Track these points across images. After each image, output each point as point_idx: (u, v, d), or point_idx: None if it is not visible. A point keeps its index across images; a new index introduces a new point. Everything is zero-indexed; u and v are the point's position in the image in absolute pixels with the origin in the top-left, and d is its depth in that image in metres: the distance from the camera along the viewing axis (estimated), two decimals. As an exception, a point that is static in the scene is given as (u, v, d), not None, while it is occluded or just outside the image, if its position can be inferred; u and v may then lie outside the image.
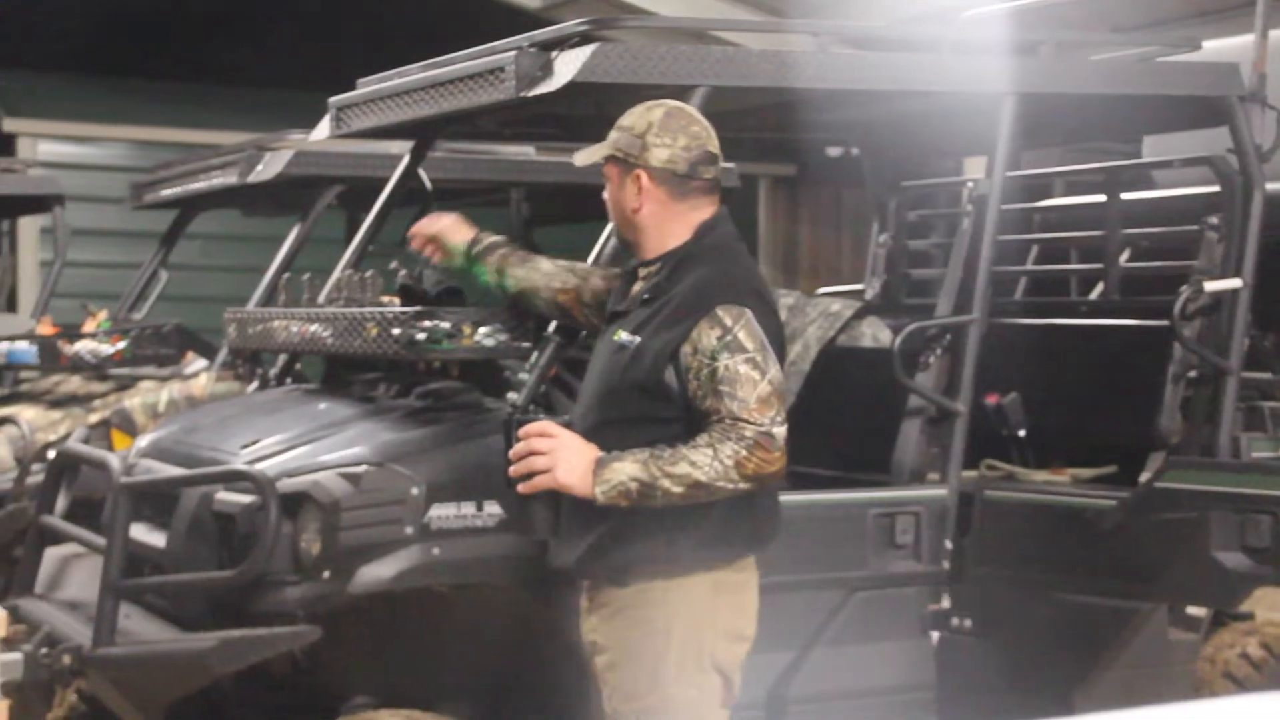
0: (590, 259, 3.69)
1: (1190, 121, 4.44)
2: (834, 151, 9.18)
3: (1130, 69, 4.28)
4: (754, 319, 3.00)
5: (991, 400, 4.21)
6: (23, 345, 6.32)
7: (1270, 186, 4.16)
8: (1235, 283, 4.08)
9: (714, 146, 3.21)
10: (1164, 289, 4.16)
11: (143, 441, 4.36)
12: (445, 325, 3.70)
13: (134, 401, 6.00)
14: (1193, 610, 4.22)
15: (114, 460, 3.86)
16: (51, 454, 4.82)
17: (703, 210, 3.21)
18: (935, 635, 3.82)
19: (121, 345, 6.26)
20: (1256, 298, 4.14)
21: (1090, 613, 3.99)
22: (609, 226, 3.76)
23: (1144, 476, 3.94)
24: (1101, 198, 4.79)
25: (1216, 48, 4.84)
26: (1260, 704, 1.40)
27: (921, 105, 4.34)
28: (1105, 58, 4.49)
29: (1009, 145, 3.99)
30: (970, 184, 4.50)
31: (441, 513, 3.51)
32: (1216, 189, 4.27)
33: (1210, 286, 4.03)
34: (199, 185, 6.42)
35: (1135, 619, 4.09)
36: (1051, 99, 4.14)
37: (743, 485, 2.93)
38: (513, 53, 3.65)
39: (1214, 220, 4.22)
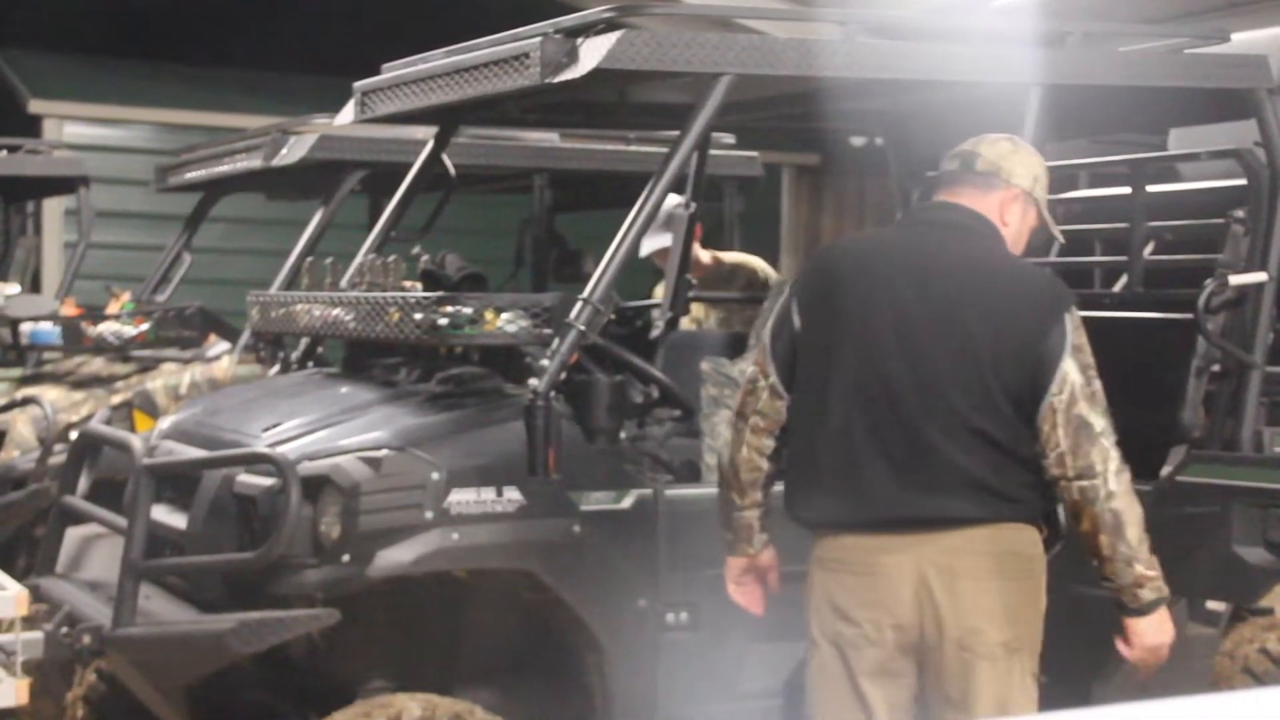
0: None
1: (1217, 114, 4.41)
2: (858, 141, 9.17)
3: (1158, 61, 4.26)
4: None
5: None
6: (46, 326, 6.36)
7: (1297, 180, 4.14)
8: (1260, 276, 4.06)
9: None
10: (1188, 282, 4.14)
11: (164, 423, 4.38)
12: (467, 311, 3.70)
13: (156, 383, 6.03)
14: (1212, 605, 4.21)
15: (136, 442, 3.88)
16: (74, 435, 4.85)
17: None
18: None
19: (144, 327, 6.29)
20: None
21: (1109, 605, 3.98)
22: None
23: (1166, 470, 3.92)
24: (1127, 190, 4.77)
25: (1245, 40, 4.81)
26: (1277, 698, 1.40)
27: (947, 95, 4.33)
28: (1133, 49, 4.47)
29: (1034, 136, 3.97)
30: (995, 175, 4.46)
31: (461, 498, 3.52)
32: (1243, 182, 4.24)
33: (1235, 280, 4.01)
34: (223, 168, 6.43)
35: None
36: (1078, 90, 4.12)
37: None
38: (538, 39, 3.64)
39: (1240, 214, 4.19)
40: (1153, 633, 3.22)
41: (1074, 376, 3.17)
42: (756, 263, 5.77)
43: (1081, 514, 3.16)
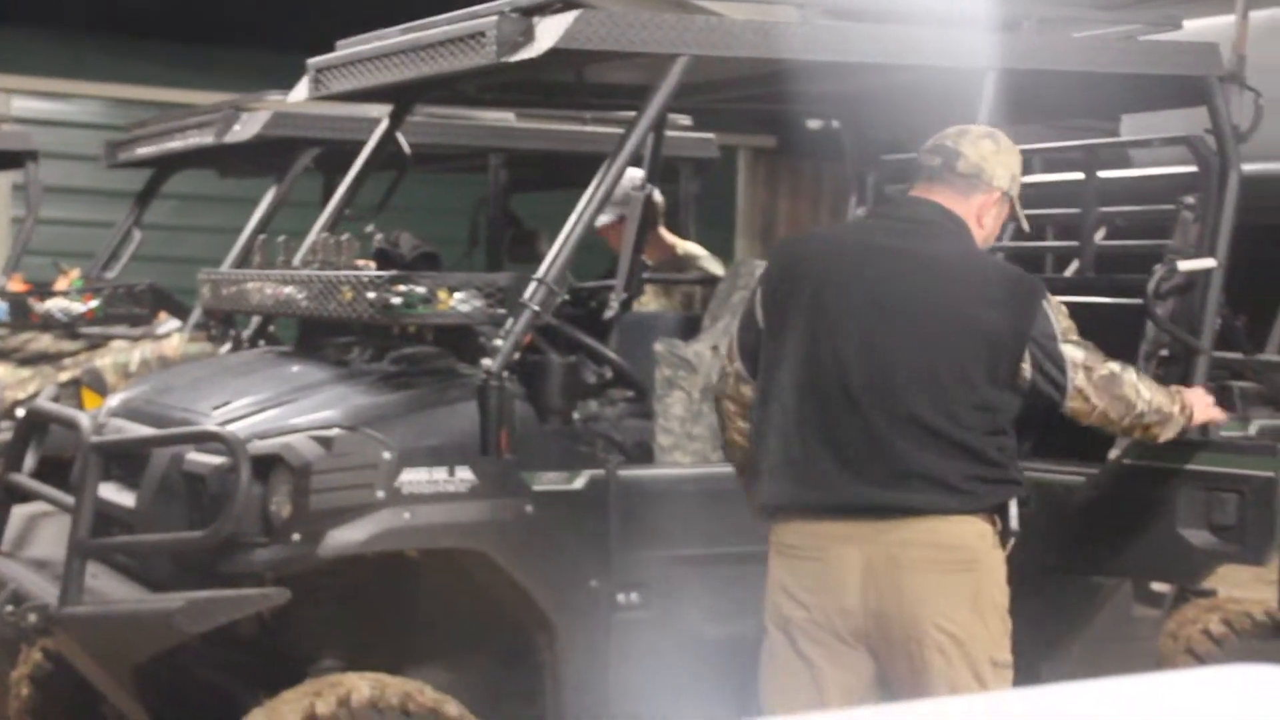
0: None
1: (1169, 101, 4.45)
2: (814, 124, 9.17)
3: (1111, 47, 4.28)
4: None
5: None
6: (-7, 302, 6.28)
7: (1246, 168, 4.17)
8: (1209, 263, 4.09)
9: None
10: (1138, 268, 4.17)
11: (113, 401, 4.34)
12: (420, 290, 3.69)
13: (105, 361, 5.98)
14: (1157, 586, 4.26)
15: (84, 419, 3.85)
16: (21, 412, 4.80)
17: None
18: None
19: (93, 304, 6.23)
20: (1229, 278, 4.16)
21: (1056, 586, 4.02)
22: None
23: (1113, 453, 3.95)
24: (1079, 175, 4.80)
25: (1197, 27, 4.84)
26: (1219, 677, 1.42)
27: (903, 79, 4.34)
28: (1087, 35, 4.49)
29: (989, 121, 3.98)
30: (949, 159, 4.48)
31: (413, 477, 3.51)
32: (1193, 169, 4.27)
33: (1184, 266, 4.04)
34: (175, 145, 6.38)
35: (1100, 593, 4.12)
36: (1032, 75, 4.14)
37: None
38: (494, 17, 3.63)
39: (1190, 200, 4.23)
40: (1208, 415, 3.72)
41: (1077, 354, 3.35)
42: (705, 258, 5.77)
43: (1137, 433, 3.53)
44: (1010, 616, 3.35)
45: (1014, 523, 3.31)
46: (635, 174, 4.83)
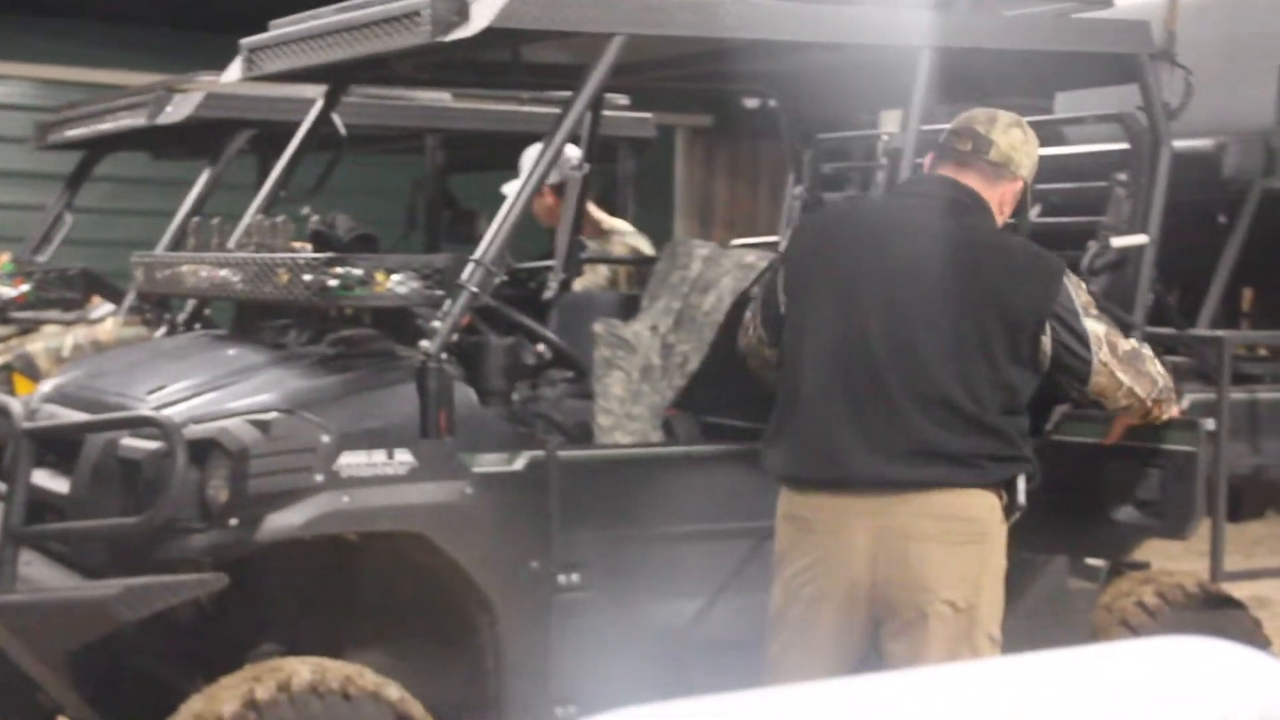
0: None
1: (1102, 78, 4.49)
2: (751, 102, 9.19)
3: (1044, 25, 4.31)
4: None
5: None
6: (-78, 287, 6.19)
7: (1177, 144, 4.22)
8: (1141, 239, 4.14)
9: None
10: (1073, 244, 4.21)
11: (46, 386, 4.29)
12: (357, 272, 3.66)
13: (37, 346, 5.90)
14: (1091, 560, 4.31)
15: (15, 405, 3.79)
16: (-48, 398, 4.73)
17: None
18: None
19: (25, 288, 6.15)
20: (1161, 254, 4.21)
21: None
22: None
23: (1047, 428, 3.99)
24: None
25: (1128, 5, 4.89)
26: (1151, 649, 1.44)
27: (838, 57, 4.35)
28: (1020, 13, 4.52)
29: (924, 99, 4.01)
30: (885, 137, 4.52)
31: (352, 460, 3.49)
32: (1126, 146, 4.32)
33: (1117, 242, 4.08)
34: (106, 126, 6.30)
35: (1033, 569, 4.16)
36: (966, 53, 4.16)
37: None
38: (428, -4, 3.60)
39: (1122, 177, 4.27)
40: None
41: (1099, 328, 3.41)
42: (631, 234, 5.77)
43: (1155, 411, 3.57)
44: None
45: (1021, 498, 3.40)
46: (572, 152, 4.85)
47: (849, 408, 3.32)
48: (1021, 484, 3.39)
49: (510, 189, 6.02)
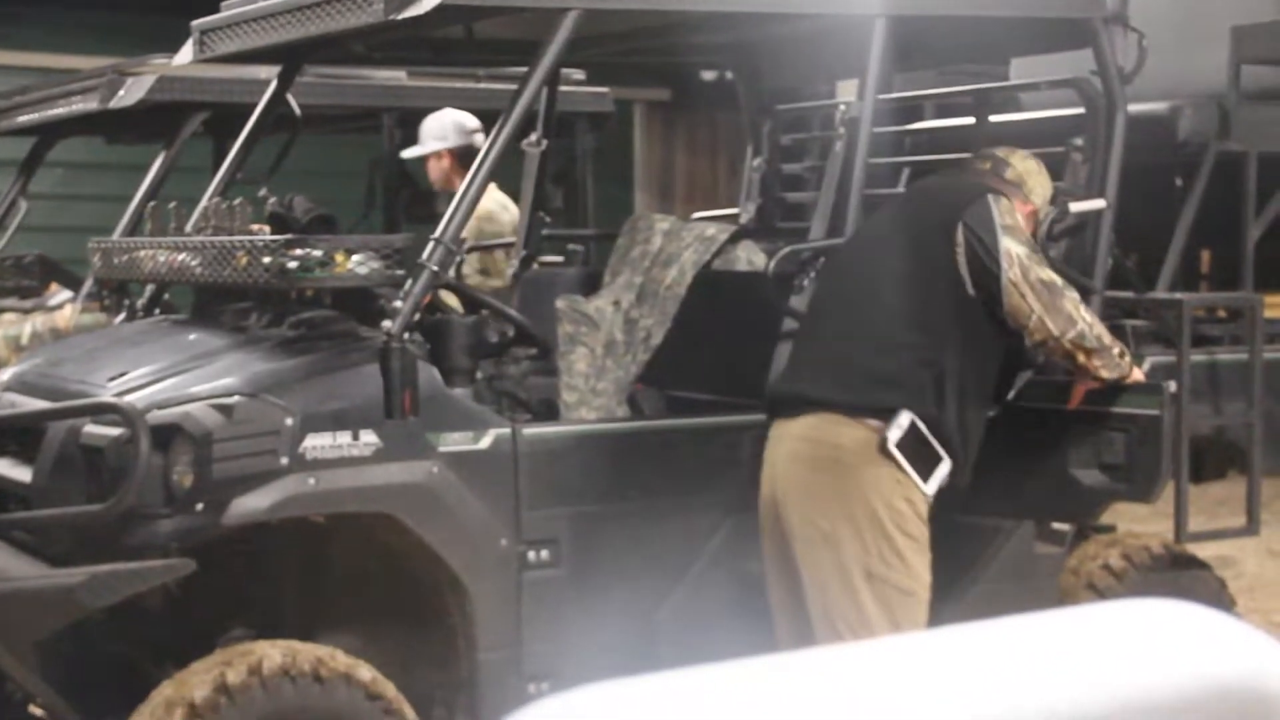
0: None
1: (1056, 43, 4.50)
2: (709, 75, 9.17)
3: (998, -8, 4.31)
4: None
5: None
6: (-124, 278, 6.12)
7: (1132, 108, 4.24)
8: (1099, 203, 4.16)
9: None
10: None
11: (5, 375, 4.25)
12: (317, 253, 3.64)
13: (-5, 334, 5.85)
14: (1058, 525, 4.34)
15: (-25, 395, 3.77)
16: (-90, 390, 4.69)
17: None
18: None
19: (-19, 277, 6.09)
20: (1119, 218, 4.23)
21: (956, 529, 4.08)
22: None
23: (1010, 395, 4.02)
24: (970, 120, 4.84)
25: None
26: (1117, 612, 1.46)
27: (794, 28, 4.35)
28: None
29: (880, 68, 4.01)
30: (843, 107, 4.52)
31: (317, 443, 3.48)
32: (1081, 111, 4.34)
33: (1075, 207, 4.10)
34: (58, 111, 6.23)
35: (1000, 534, 4.19)
36: (921, 21, 4.17)
37: None
38: (381, -26, 3.57)
39: (1079, 142, 4.29)
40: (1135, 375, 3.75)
41: (1016, 249, 3.53)
42: (493, 200, 5.80)
43: (1079, 357, 3.60)
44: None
45: (929, 485, 3.47)
46: (469, 121, 4.87)
47: (817, 341, 3.63)
48: (943, 470, 3.48)
49: (411, 154, 6.20)
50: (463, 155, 5.93)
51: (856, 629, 3.41)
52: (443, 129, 6.10)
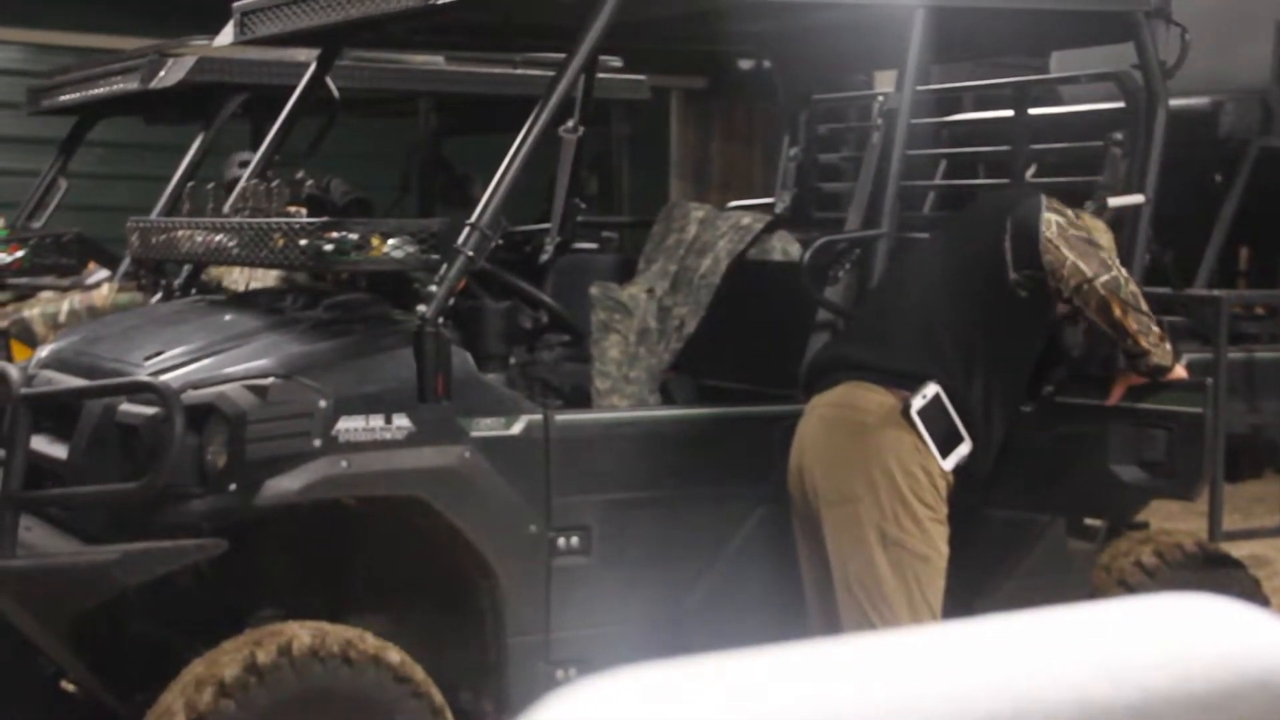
0: None
1: (1097, 37, 4.47)
2: (746, 64, 9.15)
3: (1040, -16, 4.28)
4: None
5: None
6: (-83, 254, 6.18)
7: (1173, 103, 4.21)
8: (1138, 198, 4.13)
9: None
10: (1069, 204, 4.20)
11: (43, 352, 4.28)
12: (353, 236, 3.65)
13: (33, 312, 5.89)
14: (1090, 521, 4.32)
15: (13, 371, 3.79)
16: (-52, 366, 4.72)
17: None
18: None
19: (20, 254, 6.14)
20: (1157, 213, 4.20)
21: (991, 524, 4.07)
22: None
23: (1046, 390, 4.00)
24: (1009, 113, 4.82)
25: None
26: (1149, 605, 1.45)
27: (833, 18, 4.33)
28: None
29: (919, 59, 3.99)
30: (880, 98, 4.50)
31: (349, 425, 3.49)
32: (1122, 105, 4.31)
33: (1113, 202, 4.08)
34: (99, 91, 6.27)
35: (1034, 530, 4.18)
36: (961, 13, 4.15)
37: None
38: (421, -42, 3.58)
39: (1118, 136, 4.26)
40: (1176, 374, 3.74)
41: (1057, 218, 3.66)
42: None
43: (1111, 304, 3.59)
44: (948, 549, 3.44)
45: (948, 462, 3.42)
46: None
47: (864, 319, 3.80)
48: (962, 450, 3.53)
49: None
50: None
51: (872, 593, 3.44)
52: None
